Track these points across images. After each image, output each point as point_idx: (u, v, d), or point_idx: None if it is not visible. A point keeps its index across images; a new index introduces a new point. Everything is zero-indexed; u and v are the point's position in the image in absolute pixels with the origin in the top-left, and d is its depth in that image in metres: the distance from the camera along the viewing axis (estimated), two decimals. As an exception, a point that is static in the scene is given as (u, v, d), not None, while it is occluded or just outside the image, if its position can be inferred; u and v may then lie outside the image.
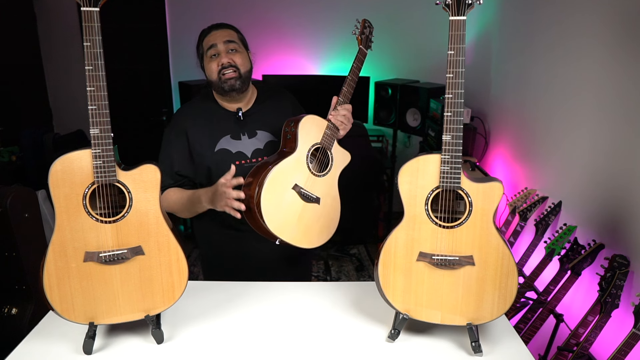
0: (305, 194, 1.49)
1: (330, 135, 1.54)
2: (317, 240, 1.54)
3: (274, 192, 1.42)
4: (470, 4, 1.10)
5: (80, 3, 1.06)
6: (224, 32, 1.58)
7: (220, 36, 1.56)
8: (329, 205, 1.56)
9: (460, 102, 1.14)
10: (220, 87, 1.57)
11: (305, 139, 1.50)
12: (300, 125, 1.49)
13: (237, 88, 1.57)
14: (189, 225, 3.95)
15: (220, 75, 1.55)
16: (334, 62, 3.97)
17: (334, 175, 1.58)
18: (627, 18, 1.74)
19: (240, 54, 1.58)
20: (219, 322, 1.35)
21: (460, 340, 1.29)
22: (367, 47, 1.60)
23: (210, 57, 1.56)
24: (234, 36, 1.59)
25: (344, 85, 1.55)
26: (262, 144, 1.64)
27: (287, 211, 1.46)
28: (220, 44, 1.55)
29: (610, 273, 1.58)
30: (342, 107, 1.55)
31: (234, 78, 1.55)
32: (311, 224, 1.51)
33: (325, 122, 1.55)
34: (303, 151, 1.50)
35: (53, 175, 1.12)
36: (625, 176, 1.72)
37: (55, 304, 1.17)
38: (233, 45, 1.57)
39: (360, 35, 1.58)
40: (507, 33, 2.95)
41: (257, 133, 1.64)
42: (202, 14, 3.93)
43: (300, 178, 1.49)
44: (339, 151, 1.59)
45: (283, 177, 1.45)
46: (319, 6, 3.90)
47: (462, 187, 1.19)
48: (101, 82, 1.10)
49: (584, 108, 2.02)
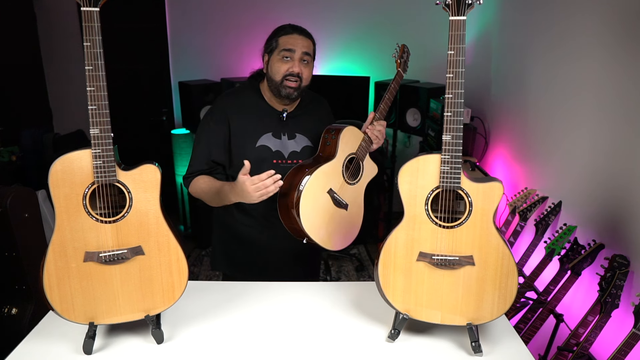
0: (337, 199, 1.58)
1: (364, 147, 1.64)
2: (340, 243, 1.62)
3: (312, 194, 1.50)
4: (470, 4, 1.10)
5: (80, 3, 1.06)
6: (305, 41, 1.60)
7: (301, 44, 1.57)
8: (354, 213, 1.66)
9: (460, 102, 1.14)
10: (278, 89, 1.59)
11: (344, 148, 1.59)
12: (341, 135, 1.59)
13: (293, 97, 1.61)
14: (189, 225, 3.95)
15: (284, 80, 1.57)
16: (334, 62, 3.97)
17: (362, 185, 1.68)
18: (627, 18, 1.74)
19: (309, 68, 1.62)
20: (219, 322, 1.36)
21: (460, 340, 1.29)
22: (404, 70, 1.72)
23: (282, 57, 1.57)
24: (311, 48, 1.62)
25: (381, 103, 1.66)
26: (299, 147, 1.67)
27: (320, 213, 1.54)
28: (298, 52, 1.57)
29: (610, 273, 1.58)
30: (378, 122, 1.65)
31: (294, 88, 1.58)
32: (338, 227, 1.60)
33: (362, 135, 1.65)
34: (341, 159, 1.59)
35: (53, 175, 1.12)
36: (625, 176, 1.72)
37: (55, 304, 1.17)
38: (307, 58, 1.60)
39: (399, 59, 1.72)
40: (507, 33, 2.95)
41: (296, 136, 1.68)
42: (202, 14, 3.93)
43: (335, 184, 1.57)
44: (369, 163, 1.70)
45: (322, 180, 1.53)
46: (318, 6, 3.90)
47: (462, 187, 1.19)
48: (101, 82, 1.10)
49: (584, 108, 2.02)
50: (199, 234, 3.85)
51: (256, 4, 3.89)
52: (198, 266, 3.56)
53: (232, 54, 3.97)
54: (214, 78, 3.91)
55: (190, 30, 3.98)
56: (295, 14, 3.94)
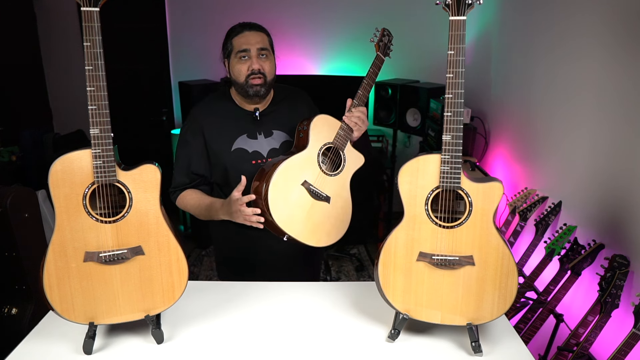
0: (314, 191, 1.51)
1: (343, 136, 1.57)
2: (325, 239, 1.56)
3: (282, 186, 1.45)
4: (470, 4, 1.10)
5: (80, 3, 1.06)
6: (257, 36, 1.58)
7: (253, 41, 1.56)
8: (339, 206, 1.58)
9: (460, 102, 1.14)
10: (245, 90, 1.58)
11: (317, 138, 1.53)
12: (312, 124, 1.53)
13: (262, 94, 1.59)
14: (189, 225, 3.95)
15: (247, 79, 1.56)
16: (334, 62, 3.97)
17: (346, 176, 1.60)
18: (627, 18, 1.74)
19: (270, 61, 1.60)
20: (219, 322, 1.36)
21: (460, 340, 1.29)
22: (385, 54, 1.65)
23: (239, 58, 1.56)
24: (266, 42, 1.60)
25: (360, 89, 1.58)
26: (278, 143, 1.65)
27: (295, 206, 1.48)
28: (253, 49, 1.55)
29: (610, 273, 1.58)
30: (356, 109, 1.57)
31: (260, 85, 1.57)
32: (320, 222, 1.53)
33: (339, 123, 1.58)
34: (314, 149, 1.53)
35: (53, 175, 1.12)
36: (625, 176, 1.72)
37: (55, 304, 1.17)
38: (264, 52, 1.58)
39: (379, 42, 1.63)
40: (507, 33, 2.95)
41: (273, 133, 1.66)
42: (202, 14, 3.93)
43: (310, 175, 1.51)
44: (352, 153, 1.62)
45: (292, 172, 1.48)
46: (318, 6, 3.90)
47: (462, 187, 1.19)
48: (101, 82, 1.10)
49: (584, 108, 2.02)
50: (199, 234, 3.85)
51: (256, 4, 3.89)
52: (198, 266, 3.56)
53: (232, 54, 3.97)
54: (214, 78, 3.91)
55: (190, 30, 3.98)
56: (295, 14, 3.95)
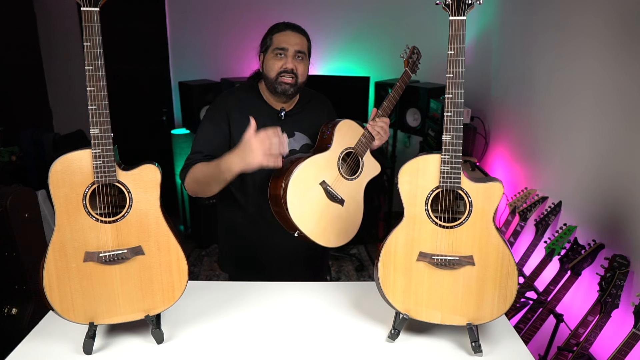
0: (330, 192, 1.55)
1: (364, 143, 1.62)
2: (334, 240, 1.58)
3: (302, 182, 1.48)
4: (470, 4, 1.10)
5: (80, 3, 1.06)
6: (298, 38, 1.59)
7: (293, 42, 1.58)
8: (352, 210, 1.62)
9: (460, 102, 1.14)
10: (274, 86, 1.59)
11: (339, 141, 1.58)
12: (337, 127, 1.57)
13: (289, 94, 1.60)
14: (189, 225, 3.95)
15: (278, 76, 1.57)
16: (334, 62, 3.97)
17: (362, 182, 1.64)
18: (627, 18, 1.74)
19: (305, 64, 1.62)
20: (219, 322, 1.36)
21: (460, 340, 1.29)
22: (412, 71, 1.71)
23: (276, 54, 1.58)
24: (305, 46, 1.61)
25: (385, 100, 1.63)
26: (298, 145, 1.67)
27: (311, 204, 1.51)
28: (291, 49, 1.57)
29: (610, 273, 1.58)
30: (380, 119, 1.61)
31: (290, 84, 1.58)
32: (332, 223, 1.56)
33: (362, 130, 1.62)
34: (336, 151, 1.57)
35: (53, 175, 1.12)
36: (625, 176, 1.72)
37: (55, 304, 1.17)
38: (301, 55, 1.60)
39: (408, 59, 1.71)
40: (507, 33, 2.95)
41: (295, 134, 1.67)
42: (202, 14, 3.93)
43: (328, 176, 1.55)
44: (370, 161, 1.66)
45: (313, 170, 1.51)
46: (318, 6, 3.90)
47: (462, 187, 1.19)
48: (101, 82, 1.10)
49: (584, 108, 2.02)
50: (199, 234, 3.85)
51: (256, 4, 3.89)
52: (198, 266, 3.56)
53: (232, 54, 3.97)
54: (214, 78, 3.91)
55: (190, 30, 3.98)
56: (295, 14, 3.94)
